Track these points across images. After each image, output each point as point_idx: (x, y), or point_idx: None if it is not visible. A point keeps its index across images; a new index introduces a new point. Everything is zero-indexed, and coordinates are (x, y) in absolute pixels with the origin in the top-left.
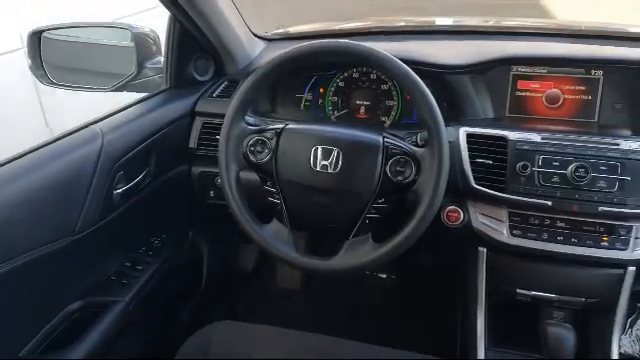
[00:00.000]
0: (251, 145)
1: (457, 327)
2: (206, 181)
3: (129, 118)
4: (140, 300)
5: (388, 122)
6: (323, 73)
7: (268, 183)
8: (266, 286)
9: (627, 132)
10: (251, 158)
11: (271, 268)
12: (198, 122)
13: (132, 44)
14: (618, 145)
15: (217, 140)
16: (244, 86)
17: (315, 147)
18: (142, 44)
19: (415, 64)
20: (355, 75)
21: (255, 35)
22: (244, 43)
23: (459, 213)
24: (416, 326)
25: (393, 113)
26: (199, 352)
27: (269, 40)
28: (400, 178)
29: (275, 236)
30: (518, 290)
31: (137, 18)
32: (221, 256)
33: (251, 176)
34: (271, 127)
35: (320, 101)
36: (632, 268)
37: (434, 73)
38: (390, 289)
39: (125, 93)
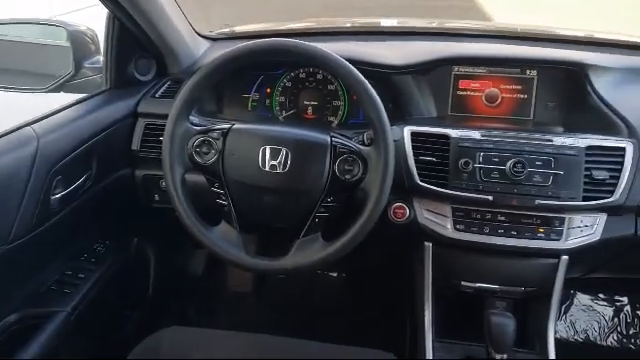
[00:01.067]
0: (196, 146)
1: (406, 321)
2: (150, 184)
3: (67, 120)
4: (83, 310)
5: (335, 122)
6: (269, 73)
7: (215, 184)
8: (217, 290)
9: (560, 129)
10: (197, 159)
11: (222, 271)
12: (141, 123)
13: (67, 43)
14: (552, 141)
15: (161, 141)
16: (187, 85)
17: (263, 147)
18: (79, 42)
19: (360, 64)
20: (302, 75)
21: (199, 34)
22: (187, 42)
23: (405, 210)
24: (367, 322)
25: (340, 113)
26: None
27: (214, 40)
28: (348, 176)
29: (224, 238)
30: (463, 282)
31: (70, 17)
32: (169, 261)
33: (197, 178)
34: (217, 127)
35: (267, 101)
36: (565, 257)
37: (379, 73)
38: (341, 287)
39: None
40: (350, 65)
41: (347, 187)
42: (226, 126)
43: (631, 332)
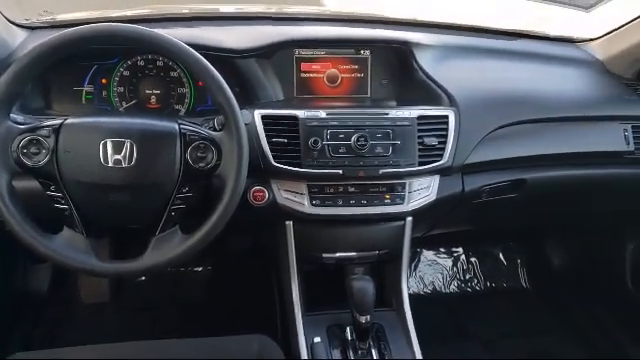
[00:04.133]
0: (23, 147)
1: (276, 302)
2: None
3: None
4: None
5: (183, 110)
6: (103, 62)
7: (51, 188)
8: (69, 305)
9: (394, 103)
10: (25, 162)
11: (72, 284)
12: None
13: None
14: (388, 115)
15: None
16: (2, 80)
17: (103, 141)
18: None
19: (203, 49)
20: (140, 63)
21: (13, 23)
22: None
23: (264, 192)
24: (240, 310)
25: (187, 100)
26: None
27: (32, 29)
28: (202, 164)
29: (68, 246)
30: (324, 255)
31: None
32: (6, 281)
33: (28, 183)
34: (46, 124)
35: (104, 93)
36: (409, 218)
37: (223, 58)
38: (208, 281)
39: None
40: (193, 50)
41: (202, 175)
42: (57, 122)
43: (467, 277)
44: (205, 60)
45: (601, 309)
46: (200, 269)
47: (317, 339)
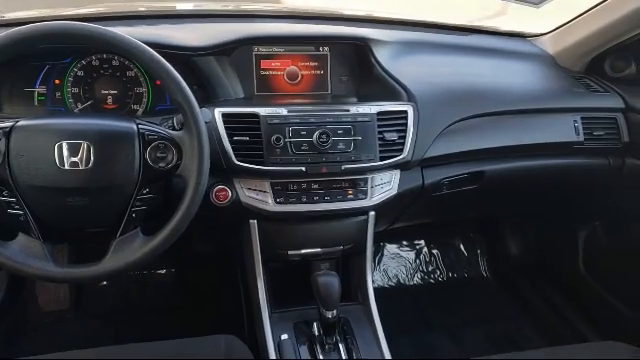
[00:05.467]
0: None
1: (242, 301)
2: None
3: None
4: None
5: (141, 110)
6: (55, 62)
7: (4, 193)
8: (27, 313)
9: (354, 99)
10: None
11: (30, 292)
12: None
13: None
14: (348, 111)
15: None
16: None
17: (59, 143)
18: None
19: (159, 47)
20: (95, 63)
21: None
22: None
23: (227, 191)
24: (206, 312)
25: (145, 100)
26: None
27: None
28: (162, 164)
29: (24, 252)
30: (289, 252)
31: None
32: None
33: None
34: None
35: (58, 94)
36: (372, 213)
37: (180, 56)
38: (173, 283)
39: None
40: (149, 48)
41: (163, 176)
42: (8, 124)
43: (430, 269)
44: (162, 58)
45: (557, 294)
46: (163, 271)
47: (284, 336)
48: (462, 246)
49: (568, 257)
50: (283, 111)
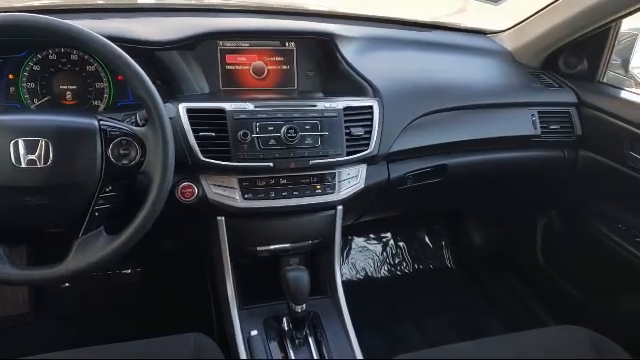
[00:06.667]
0: None
1: (210, 298)
2: None
3: None
4: None
5: (102, 105)
6: (9, 56)
7: None
8: None
9: (321, 95)
10: None
11: None
12: None
13: None
14: (315, 106)
15: None
16: None
17: (14, 140)
18: None
19: (121, 41)
20: (52, 57)
21: None
22: None
23: (193, 188)
24: (173, 311)
25: (106, 96)
26: None
27: None
28: (125, 161)
29: None
30: (258, 248)
31: None
32: None
33: None
34: None
35: (12, 89)
36: (340, 207)
37: (142, 50)
38: (139, 283)
39: None
40: (110, 42)
41: (126, 173)
42: None
43: (396, 261)
44: (124, 53)
45: (518, 282)
46: (129, 271)
47: (254, 332)
48: (427, 238)
49: (527, 247)
50: (250, 106)
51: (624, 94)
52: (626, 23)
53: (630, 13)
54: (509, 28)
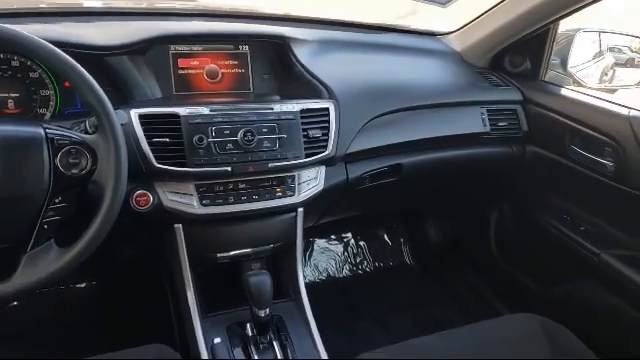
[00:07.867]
0: None
1: (171, 308)
2: None
3: None
4: None
5: (48, 114)
6: None
7: None
8: None
9: (277, 97)
10: None
11: None
12: None
13: None
14: (272, 109)
15: None
16: None
17: None
18: None
19: (67, 47)
20: None
21: None
22: None
23: (148, 196)
24: (133, 324)
25: (52, 103)
26: None
27: None
28: (75, 170)
29: None
30: (218, 255)
31: None
32: None
33: None
34: None
35: None
36: (301, 209)
37: (90, 56)
38: (95, 297)
39: None
40: (55, 48)
41: (76, 183)
42: None
43: (358, 260)
44: (70, 58)
45: (473, 275)
46: (84, 285)
47: (217, 340)
48: (386, 236)
49: (481, 240)
50: (205, 110)
51: (564, 91)
52: (564, 24)
53: (567, 15)
54: (457, 29)
